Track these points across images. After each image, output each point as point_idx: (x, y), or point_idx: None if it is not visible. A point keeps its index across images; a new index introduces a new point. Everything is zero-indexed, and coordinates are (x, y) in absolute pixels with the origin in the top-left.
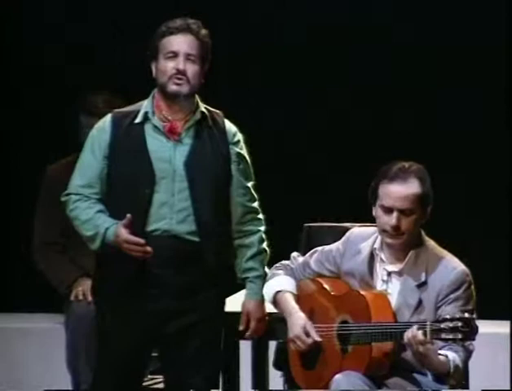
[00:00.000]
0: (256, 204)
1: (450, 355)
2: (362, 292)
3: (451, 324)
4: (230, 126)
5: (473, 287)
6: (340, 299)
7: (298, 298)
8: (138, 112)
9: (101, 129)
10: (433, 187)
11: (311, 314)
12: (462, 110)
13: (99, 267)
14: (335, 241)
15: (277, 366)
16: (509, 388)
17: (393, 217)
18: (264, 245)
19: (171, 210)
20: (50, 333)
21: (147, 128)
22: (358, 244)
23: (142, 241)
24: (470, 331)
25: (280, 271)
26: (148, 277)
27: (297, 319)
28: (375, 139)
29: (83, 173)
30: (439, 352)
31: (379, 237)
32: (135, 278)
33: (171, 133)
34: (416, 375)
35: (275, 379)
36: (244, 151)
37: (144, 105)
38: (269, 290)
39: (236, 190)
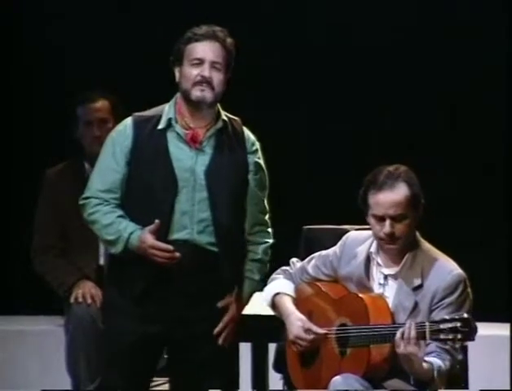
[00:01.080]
0: (267, 217)
1: (435, 363)
2: (360, 295)
3: (450, 324)
4: (248, 135)
5: (469, 290)
6: (338, 302)
7: (297, 301)
8: (160, 117)
9: (122, 134)
10: (430, 189)
11: (309, 318)
12: (460, 110)
13: (114, 269)
14: (334, 243)
15: (277, 368)
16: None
17: (386, 225)
18: (267, 257)
19: (192, 220)
20: (50, 335)
21: (170, 135)
22: (354, 248)
23: (170, 247)
24: (469, 331)
25: (279, 276)
26: (167, 284)
27: (295, 320)
28: (375, 141)
29: (104, 178)
30: (425, 358)
31: (375, 241)
32: (154, 284)
33: (193, 142)
34: None
35: (275, 381)
36: (261, 161)
37: (166, 111)
38: (267, 293)
39: (250, 199)
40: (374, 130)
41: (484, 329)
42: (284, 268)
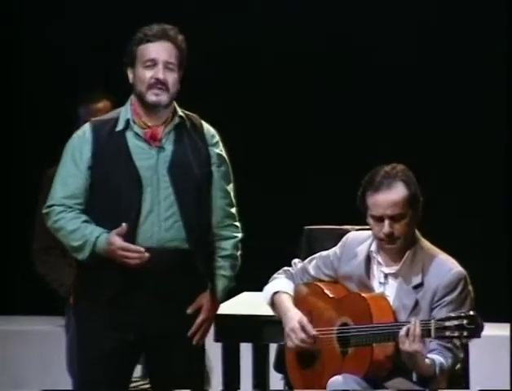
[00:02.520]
0: (234, 210)
1: (437, 360)
2: (363, 295)
3: (456, 322)
4: (208, 128)
5: (470, 287)
6: (340, 301)
7: (297, 301)
8: (117, 119)
9: (82, 139)
10: (430, 189)
11: (310, 317)
12: (460, 109)
13: (82, 277)
14: (335, 244)
15: (278, 368)
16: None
17: (385, 225)
18: (238, 253)
19: (159, 218)
20: (51, 336)
21: (129, 135)
22: (354, 248)
23: (141, 249)
24: (475, 328)
25: (280, 275)
26: (136, 288)
27: (293, 315)
28: (375, 141)
29: (66, 184)
30: (428, 355)
31: (375, 240)
32: (123, 289)
33: (153, 140)
34: None
35: (276, 381)
36: (223, 153)
37: (123, 112)
38: (267, 292)
39: (216, 192)
40: (375, 130)
41: (484, 329)
42: (285, 268)
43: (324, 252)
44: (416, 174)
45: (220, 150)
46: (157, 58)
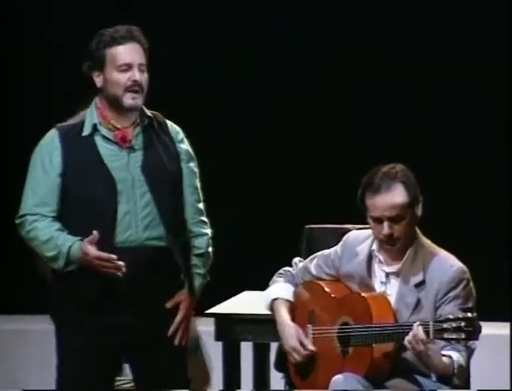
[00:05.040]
0: (202, 206)
1: (454, 355)
2: (363, 294)
3: (454, 324)
4: (172, 125)
5: (472, 284)
6: (341, 301)
7: (298, 301)
8: (83, 124)
9: (50, 146)
10: (431, 188)
11: (311, 317)
12: (461, 109)
13: (60, 285)
14: (336, 242)
15: (279, 367)
16: (509, 388)
17: (385, 227)
18: (210, 250)
19: (136, 218)
20: (51, 335)
21: (98, 139)
22: (355, 247)
23: (114, 257)
24: (473, 331)
25: (280, 278)
26: (116, 291)
27: (290, 330)
28: (376, 140)
29: (37, 192)
30: (443, 352)
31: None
32: (102, 293)
33: (123, 142)
34: (417, 377)
35: (277, 380)
36: (190, 149)
37: (88, 116)
38: (266, 297)
39: (187, 188)
40: (376, 130)
41: (484, 328)
42: (285, 268)
43: (325, 251)
44: (417, 172)
45: (186, 146)
46: (132, 61)
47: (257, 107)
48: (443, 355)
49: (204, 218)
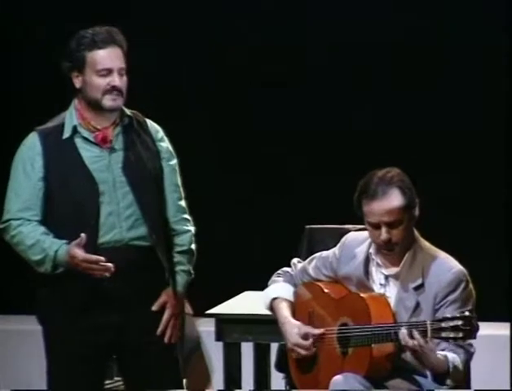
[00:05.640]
0: (184, 203)
1: (449, 355)
2: (362, 295)
3: (451, 323)
4: (151, 124)
5: (471, 286)
6: (340, 302)
7: (298, 302)
8: (62, 126)
9: (31, 150)
10: (430, 188)
11: (310, 318)
12: (460, 109)
13: (46, 287)
14: (336, 243)
15: (279, 367)
16: (509, 388)
17: (382, 233)
18: (193, 246)
19: (119, 218)
20: None
21: (78, 141)
22: (353, 249)
23: (103, 258)
24: (470, 330)
25: (279, 278)
26: (102, 291)
27: (291, 327)
28: (377, 141)
29: (20, 197)
30: (439, 352)
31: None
32: (89, 294)
33: (103, 142)
34: (416, 377)
35: (278, 380)
36: (171, 147)
37: (68, 118)
38: (266, 297)
39: (168, 186)
40: (376, 130)
41: (484, 328)
42: (284, 269)
43: (323, 253)
44: (415, 173)
45: (167, 144)
46: (112, 67)
47: (257, 106)
48: (439, 354)
49: (186, 216)
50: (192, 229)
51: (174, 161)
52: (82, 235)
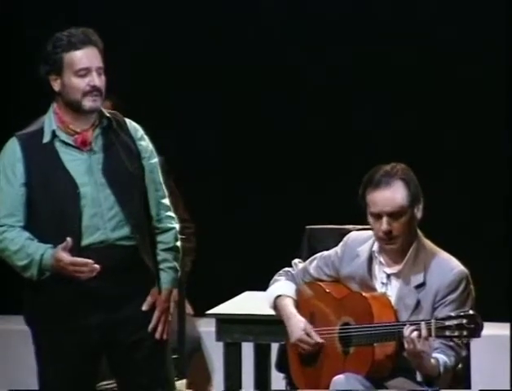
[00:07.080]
0: (167, 201)
1: (441, 359)
2: (364, 294)
3: (456, 321)
4: (131, 123)
5: (471, 287)
6: (342, 301)
7: (299, 302)
8: (42, 130)
9: (12, 156)
10: (431, 188)
11: (312, 318)
12: (460, 110)
13: (32, 290)
14: (337, 243)
15: (280, 368)
16: (509, 388)
17: (383, 223)
18: (178, 243)
19: (103, 219)
20: None
21: (58, 145)
22: (356, 248)
23: (91, 261)
24: (475, 328)
25: (281, 277)
26: (89, 292)
27: (297, 323)
28: (377, 141)
29: (2, 203)
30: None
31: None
32: (76, 295)
33: (83, 145)
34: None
35: (278, 380)
36: (151, 145)
37: (47, 123)
38: (269, 295)
39: (150, 185)
40: (377, 130)
41: (484, 329)
42: (286, 269)
43: (325, 253)
44: (417, 173)
45: (147, 143)
46: (91, 66)
47: (257, 106)
48: (432, 357)
49: (170, 213)
50: (177, 226)
51: (155, 160)
52: (68, 239)
